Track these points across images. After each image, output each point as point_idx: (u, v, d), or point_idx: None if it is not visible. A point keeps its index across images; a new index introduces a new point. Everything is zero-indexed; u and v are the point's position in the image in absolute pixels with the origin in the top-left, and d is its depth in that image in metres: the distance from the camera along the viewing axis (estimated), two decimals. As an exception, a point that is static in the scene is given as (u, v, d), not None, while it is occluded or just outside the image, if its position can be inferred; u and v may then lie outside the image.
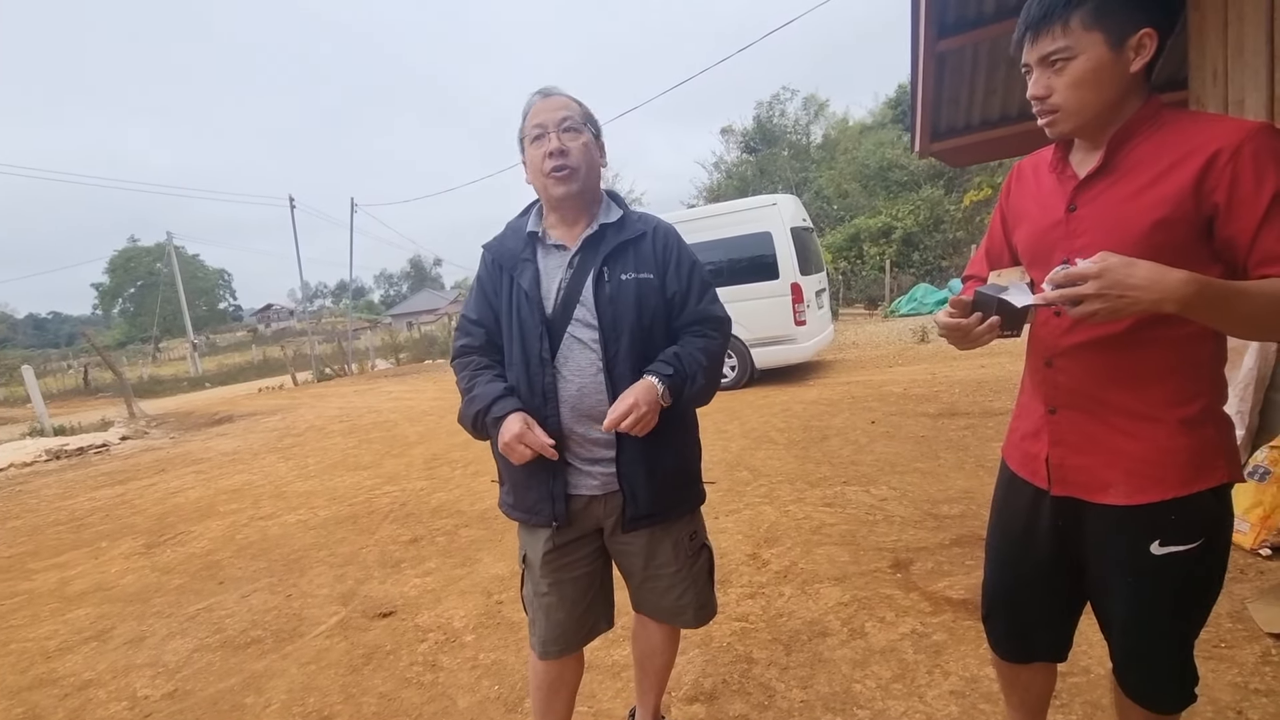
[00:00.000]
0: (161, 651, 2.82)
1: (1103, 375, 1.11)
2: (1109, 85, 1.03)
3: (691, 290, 1.49)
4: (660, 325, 1.47)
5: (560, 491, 1.45)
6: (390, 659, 2.54)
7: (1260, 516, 2.49)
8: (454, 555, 3.50)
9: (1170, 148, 1.02)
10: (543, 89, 1.49)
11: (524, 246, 1.50)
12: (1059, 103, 1.06)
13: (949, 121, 5.47)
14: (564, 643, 1.56)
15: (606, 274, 1.44)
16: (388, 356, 22.46)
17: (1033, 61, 1.07)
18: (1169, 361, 1.07)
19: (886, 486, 3.74)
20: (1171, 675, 1.18)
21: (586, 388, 1.42)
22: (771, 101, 27.84)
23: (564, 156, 1.41)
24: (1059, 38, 1.02)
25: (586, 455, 1.46)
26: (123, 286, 62.11)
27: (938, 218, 18.21)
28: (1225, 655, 1.95)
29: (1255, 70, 2.94)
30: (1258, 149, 0.96)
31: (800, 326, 7.25)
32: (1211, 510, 1.09)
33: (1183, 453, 1.07)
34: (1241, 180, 0.96)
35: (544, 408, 1.43)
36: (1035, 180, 1.22)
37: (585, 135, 1.45)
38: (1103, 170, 1.08)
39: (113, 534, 4.77)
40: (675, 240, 1.53)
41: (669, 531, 1.52)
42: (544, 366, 1.42)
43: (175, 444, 8.99)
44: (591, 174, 1.47)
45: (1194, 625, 1.17)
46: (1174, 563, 1.09)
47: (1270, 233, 0.95)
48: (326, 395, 13.22)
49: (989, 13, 4.08)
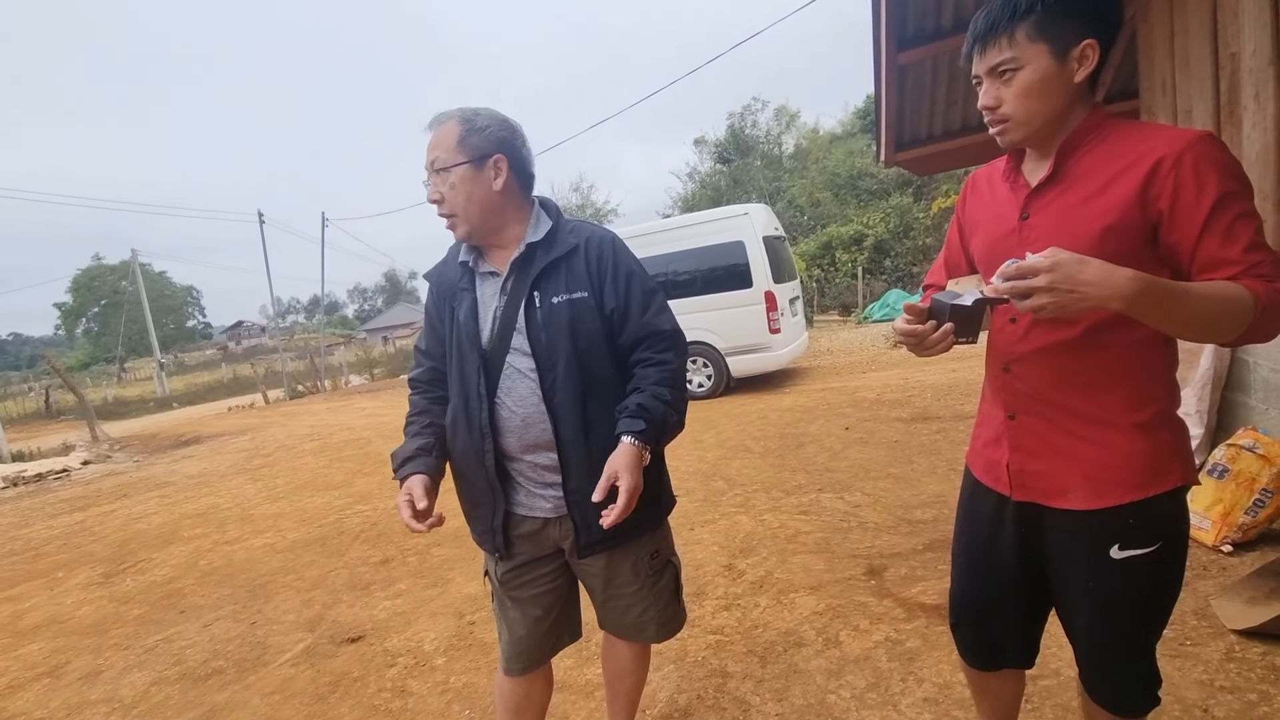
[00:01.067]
0: (118, 686, 2.71)
1: (1059, 380, 1.12)
2: (1055, 95, 1.05)
3: (631, 304, 1.40)
4: (600, 346, 1.38)
5: (500, 525, 1.42)
6: (358, 686, 2.46)
7: (1221, 514, 2.54)
8: (426, 575, 3.43)
9: (1116, 156, 1.05)
10: (432, 119, 1.37)
11: (461, 275, 1.44)
12: (1008, 112, 1.08)
13: (912, 132, 5.58)
14: (526, 659, 1.53)
15: (537, 299, 1.37)
16: (362, 372, 22.13)
17: (982, 73, 1.10)
18: (1124, 367, 1.08)
19: (860, 493, 3.76)
20: (1135, 679, 1.18)
21: (530, 418, 1.38)
22: (743, 112, 28.19)
23: (440, 205, 1.37)
24: (1005, 49, 1.04)
25: (538, 480, 1.42)
26: (86, 306, 60.39)
27: (907, 225, 18.52)
28: (1191, 653, 1.98)
29: (1201, 81, 3.05)
30: (1198, 157, 0.98)
31: (775, 334, 7.30)
32: (1168, 513, 1.10)
33: (1139, 457, 1.08)
34: (1183, 188, 0.98)
35: (482, 442, 1.39)
36: (989, 190, 1.24)
37: (455, 172, 1.33)
38: (1052, 179, 1.10)
39: (70, 563, 4.59)
40: (611, 250, 1.42)
41: (628, 552, 1.49)
42: (481, 401, 1.38)
43: (139, 467, 8.72)
44: (475, 209, 1.35)
45: (1156, 628, 1.17)
46: (1134, 566, 1.10)
47: (1211, 240, 0.97)
48: (298, 413, 12.95)
49: (946, 26, 4.17)
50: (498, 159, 1.35)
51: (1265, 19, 2.51)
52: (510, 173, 1.37)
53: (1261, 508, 2.48)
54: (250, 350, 55.72)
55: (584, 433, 1.37)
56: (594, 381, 1.38)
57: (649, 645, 1.66)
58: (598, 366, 1.38)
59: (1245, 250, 0.96)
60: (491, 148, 1.35)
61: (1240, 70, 2.73)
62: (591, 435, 1.37)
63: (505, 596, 1.51)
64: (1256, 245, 0.97)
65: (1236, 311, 0.94)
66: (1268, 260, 0.96)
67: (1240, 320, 0.94)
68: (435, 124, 1.37)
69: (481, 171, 1.34)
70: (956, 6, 4.04)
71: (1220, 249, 0.97)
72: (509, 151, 1.37)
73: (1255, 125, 2.64)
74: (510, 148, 1.38)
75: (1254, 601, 2.11)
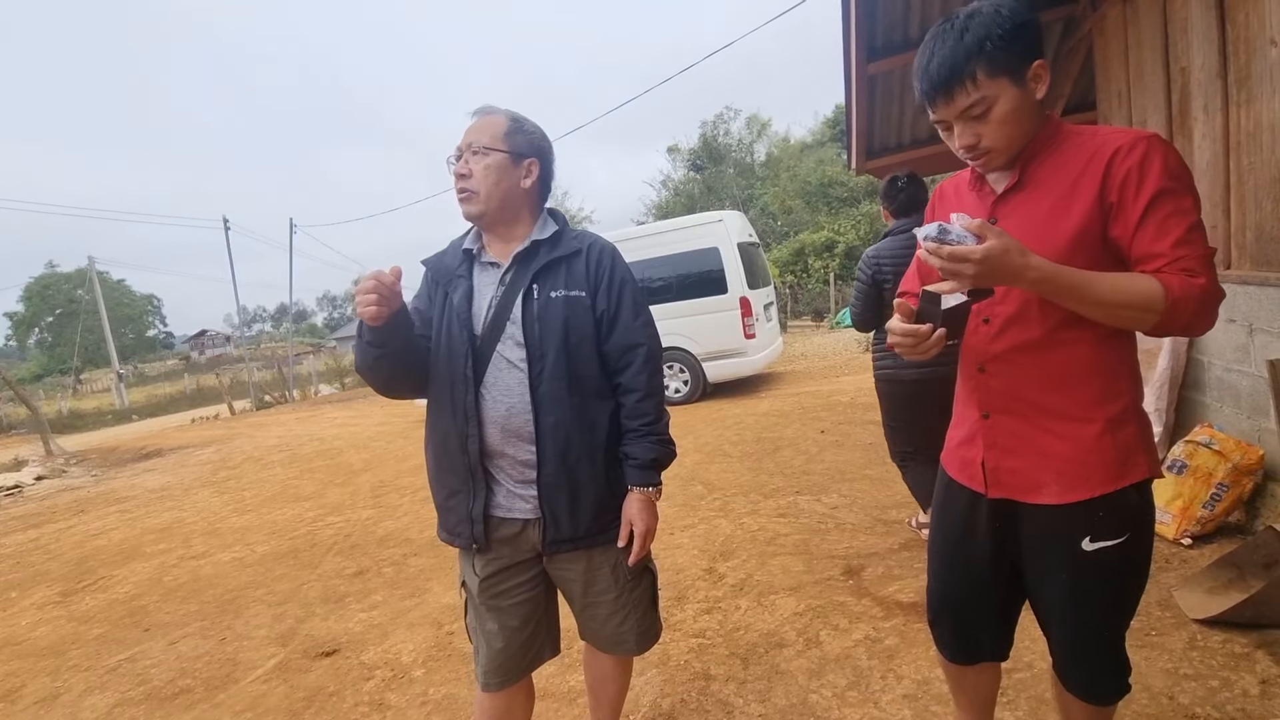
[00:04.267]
0: (77, 709, 2.60)
1: (1032, 378, 1.16)
2: (1026, 117, 1.10)
3: (621, 310, 1.46)
4: (588, 345, 1.43)
5: (479, 514, 1.42)
6: (333, 700, 2.40)
7: (1180, 508, 2.64)
8: (402, 586, 3.37)
9: (1073, 160, 1.10)
10: (479, 108, 1.47)
11: (460, 263, 1.49)
12: (990, 145, 1.11)
13: (882, 141, 5.71)
14: (505, 673, 1.50)
15: (535, 291, 1.42)
16: (332, 381, 21.71)
17: (951, 118, 1.12)
18: (1092, 363, 1.12)
19: (837, 494, 3.81)
20: (1107, 667, 1.22)
21: (515, 407, 1.40)
22: (716, 121, 28.50)
23: (464, 180, 1.40)
24: (972, 92, 1.07)
25: (518, 476, 1.43)
26: (39, 315, 58.10)
27: (877, 232, 18.88)
28: (1156, 643, 2.05)
29: (1154, 92, 3.18)
30: (1144, 155, 1.04)
31: (750, 340, 7.36)
32: (1136, 505, 1.14)
33: (1108, 451, 1.12)
34: (1129, 183, 1.04)
35: (465, 427, 1.40)
36: (957, 198, 1.29)
37: (492, 157, 1.40)
38: (1017, 186, 1.16)
39: (24, 582, 4.40)
40: (610, 259, 1.49)
41: (608, 556, 1.49)
42: (466, 385, 1.40)
43: (97, 482, 8.41)
44: (497, 195, 1.41)
45: (1125, 617, 1.22)
46: (1104, 557, 1.14)
47: (1145, 233, 1.04)
48: (266, 424, 12.63)
49: (914, 37, 4.29)
50: (532, 162, 1.45)
51: (1212, 35, 2.64)
52: (538, 178, 1.48)
53: (1218, 501, 2.58)
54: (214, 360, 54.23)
55: (562, 427, 1.39)
56: (579, 379, 1.42)
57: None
58: (584, 365, 1.43)
59: (1174, 245, 1.02)
60: (531, 151, 1.45)
61: (1190, 83, 2.85)
62: (569, 431, 1.40)
63: (483, 606, 1.49)
64: (1185, 241, 1.02)
65: (1141, 303, 1.01)
66: (1193, 256, 1.02)
67: (1148, 310, 1.01)
68: (483, 113, 1.44)
69: (516, 167, 1.43)
70: (923, 19, 4.16)
71: (1152, 242, 1.03)
72: (544, 160, 1.48)
73: (1205, 136, 2.77)
74: (546, 157, 1.49)
75: (1214, 591, 2.19)
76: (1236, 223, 2.61)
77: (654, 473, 1.46)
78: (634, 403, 1.45)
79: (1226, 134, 2.62)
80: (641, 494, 1.45)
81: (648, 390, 1.46)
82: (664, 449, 1.47)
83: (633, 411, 1.45)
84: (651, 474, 1.45)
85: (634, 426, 1.45)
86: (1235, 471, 2.57)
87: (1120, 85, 3.58)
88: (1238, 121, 2.55)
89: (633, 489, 1.45)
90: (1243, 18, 2.47)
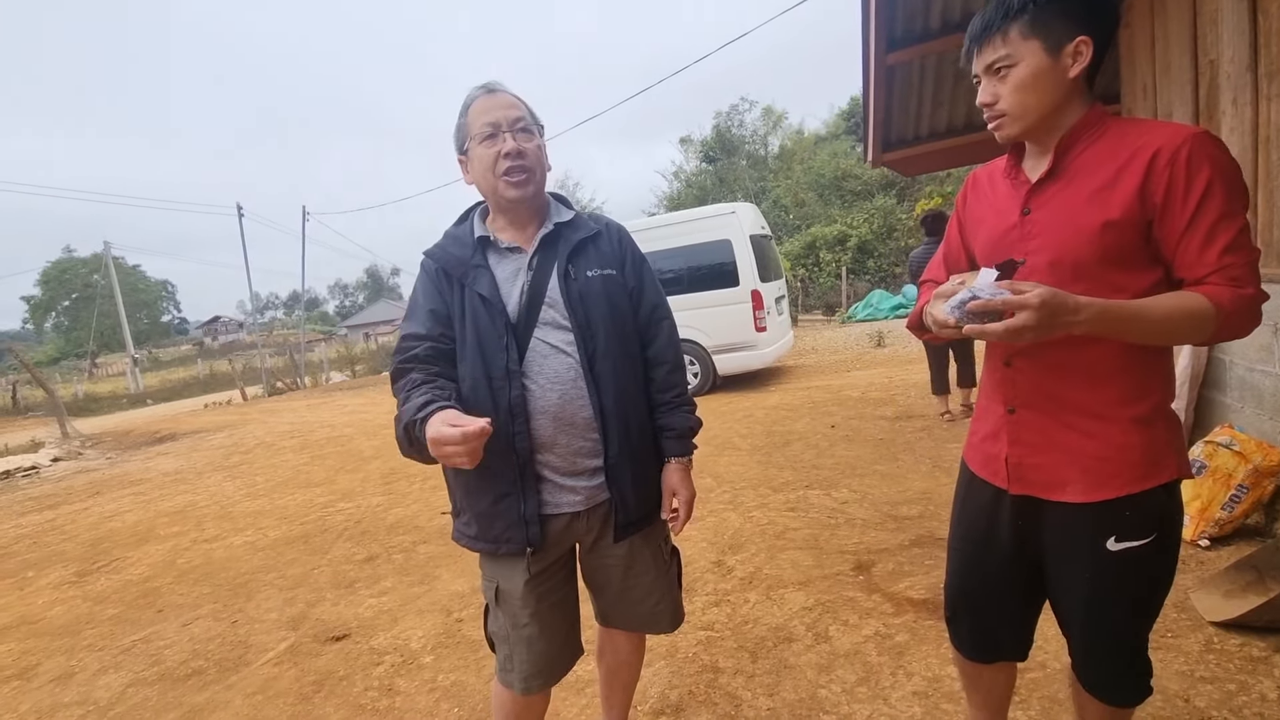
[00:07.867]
0: (92, 688, 2.64)
1: (1059, 374, 1.13)
2: (1049, 90, 1.07)
3: (645, 285, 1.50)
4: (630, 322, 1.45)
5: (534, 513, 1.34)
6: (343, 685, 2.42)
7: (1199, 509, 2.60)
8: (411, 573, 3.39)
9: (1115, 152, 1.06)
10: (487, 84, 1.40)
11: (473, 252, 1.39)
12: (1004, 108, 1.11)
13: (899, 133, 5.63)
14: (548, 675, 1.47)
15: (572, 271, 1.39)
16: (343, 369, 21.83)
17: (980, 70, 1.13)
18: (1120, 360, 1.09)
19: (847, 489, 3.79)
20: (1128, 669, 1.20)
21: (568, 394, 1.34)
22: (730, 112, 28.28)
23: (521, 158, 1.33)
24: (1000, 47, 1.08)
25: (571, 468, 1.37)
26: (56, 299, 58.87)
27: (890, 226, 18.71)
28: (1172, 645, 2.02)
29: (1181, 86, 3.11)
30: (1193, 153, 1.00)
31: (761, 333, 7.32)
32: (1163, 505, 1.12)
33: (1136, 450, 1.09)
34: (1176, 183, 1.01)
35: (511, 424, 1.30)
36: (990, 187, 1.26)
37: (538, 137, 1.40)
38: (1052, 174, 1.12)
39: (40, 563, 4.47)
40: (627, 236, 1.54)
41: (648, 539, 1.50)
42: (509, 378, 1.31)
43: (112, 465, 8.52)
44: (544, 177, 1.43)
45: (1149, 619, 1.19)
46: (1129, 558, 1.11)
47: (1193, 239, 1.01)
48: (278, 410, 12.75)
49: (935, 28, 4.21)
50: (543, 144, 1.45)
51: (1244, 27, 2.57)
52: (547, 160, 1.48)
53: (1237, 503, 2.54)
54: (227, 346, 54.69)
55: (623, 403, 1.39)
56: (627, 356, 1.42)
57: (645, 636, 1.66)
58: (629, 341, 1.44)
59: (1222, 253, 0.99)
60: (541, 133, 1.44)
61: (1219, 76, 2.78)
62: (628, 409, 1.40)
63: (525, 610, 1.40)
64: (1234, 248, 0.99)
65: (1194, 326, 1.00)
66: (1240, 263, 0.99)
67: (1200, 329, 1.00)
68: (499, 88, 1.39)
69: (543, 148, 1.43)
70: (945, 8, 4.08)
71: (1200, 249, 1.01)
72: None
73: (1233, 130, 2.70)
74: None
75: (1231, 594, 2.16)
76: (1264, 219, 2.55)
77: (690, 442, 1.50)
78: (665, 374, 1.48)
79: (1255, 128, 2.56)
80: (680, 463, 1.48)
81: (675, 361, 1.50)
82: (696, 419, 1.52)
83: (665, 384, 1.48)
84: (689, 443, 1.49)
85: (668, 399, 1.48)
86: (1256, 473, 2.52)
87: (1145, 78, 3.51)
88: (1267, 116, 2.49)
89: (672, 460, 1.47)
90: (1276, 9, 2.40)
